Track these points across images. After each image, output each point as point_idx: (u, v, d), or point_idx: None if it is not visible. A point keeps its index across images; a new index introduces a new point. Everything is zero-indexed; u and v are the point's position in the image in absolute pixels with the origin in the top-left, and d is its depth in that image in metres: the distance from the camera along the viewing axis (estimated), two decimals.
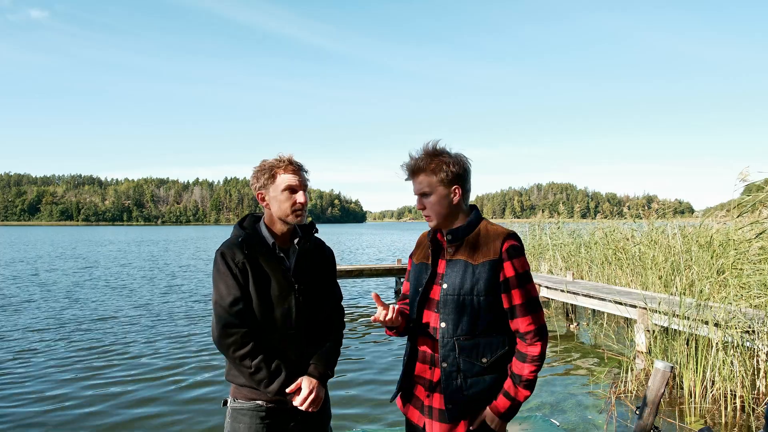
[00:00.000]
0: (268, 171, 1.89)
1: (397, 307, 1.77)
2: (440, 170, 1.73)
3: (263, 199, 1.91)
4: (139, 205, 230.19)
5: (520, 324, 1.69)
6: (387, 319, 1.72)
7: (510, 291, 1.69)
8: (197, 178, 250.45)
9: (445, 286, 1.73)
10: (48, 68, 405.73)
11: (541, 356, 1.68)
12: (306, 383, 1.85)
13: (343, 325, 2.09)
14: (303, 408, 1.82)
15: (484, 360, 1.71)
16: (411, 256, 1.97)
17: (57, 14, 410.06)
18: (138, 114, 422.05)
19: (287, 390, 1.82)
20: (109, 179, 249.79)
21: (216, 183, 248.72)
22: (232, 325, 1.79)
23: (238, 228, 1.92)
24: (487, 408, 1.72)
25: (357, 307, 11.18)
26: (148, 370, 6.30)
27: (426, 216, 1.78)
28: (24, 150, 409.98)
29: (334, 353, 2.00)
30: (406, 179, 1.82)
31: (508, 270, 1.68)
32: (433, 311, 1.77)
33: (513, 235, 1.73)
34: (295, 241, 1.96)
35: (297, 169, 1.90)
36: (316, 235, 2.05)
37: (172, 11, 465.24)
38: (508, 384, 1.70)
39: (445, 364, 1.71)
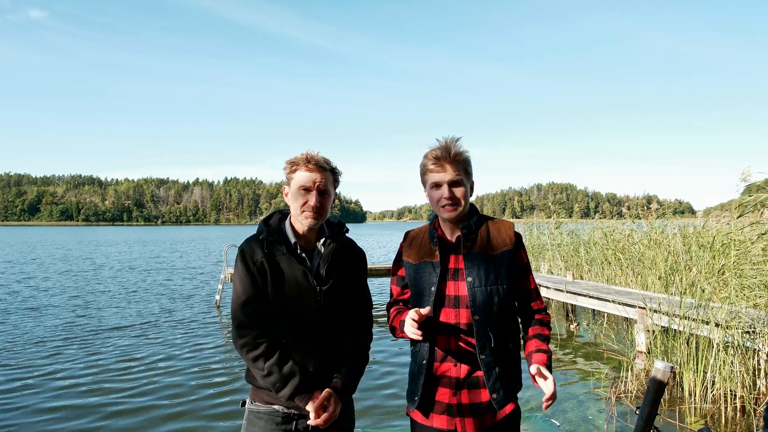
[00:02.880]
0: (290, 167, 1.79)
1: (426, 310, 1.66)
2: (468, 163, 1.80)
3: (287, 195, 1.82)
4: (139, 205, 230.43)
5: (539, 304, 1.89)
6: (425, 313, 1.63)
7: (528, 276, 1.86)
8: (197, 178, 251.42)
9: (470, 279, 1.74)
10: (48, 68, 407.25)
11: None
12: (334, 403, 1.74)
13: (370, 337, 1.94)
14: (321, 425, 1.71)
15: (511, 345, 1.80)
16: (400, 259, 1.91)
17: (57, 14, 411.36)
18: (138, 114, 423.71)
19: (314, 404, 1.70)
20: (109, 179, 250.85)
21: (216, 183, 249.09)
22: (245, 326, 1.72)
23: (261, 225, 1.82)
24: (534, 365, 1.64)
25: None
26: (166, 376, 6.28)
27: (452, 206, 1.74)
28: (24, 150, 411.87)
29: (361, 369, 1.88)
30: (432, 165, 1.75)
31: (525, 257, 1.86)
32: (451, 307, 1.75)
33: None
34: (320, 241, 1.83)
35: (316, 167, 1.77)
36: (347, 235, 1.93)
37: (172, 11, 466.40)
38: (537, 343, 1.78)
39: (483, 356, 1.71)
